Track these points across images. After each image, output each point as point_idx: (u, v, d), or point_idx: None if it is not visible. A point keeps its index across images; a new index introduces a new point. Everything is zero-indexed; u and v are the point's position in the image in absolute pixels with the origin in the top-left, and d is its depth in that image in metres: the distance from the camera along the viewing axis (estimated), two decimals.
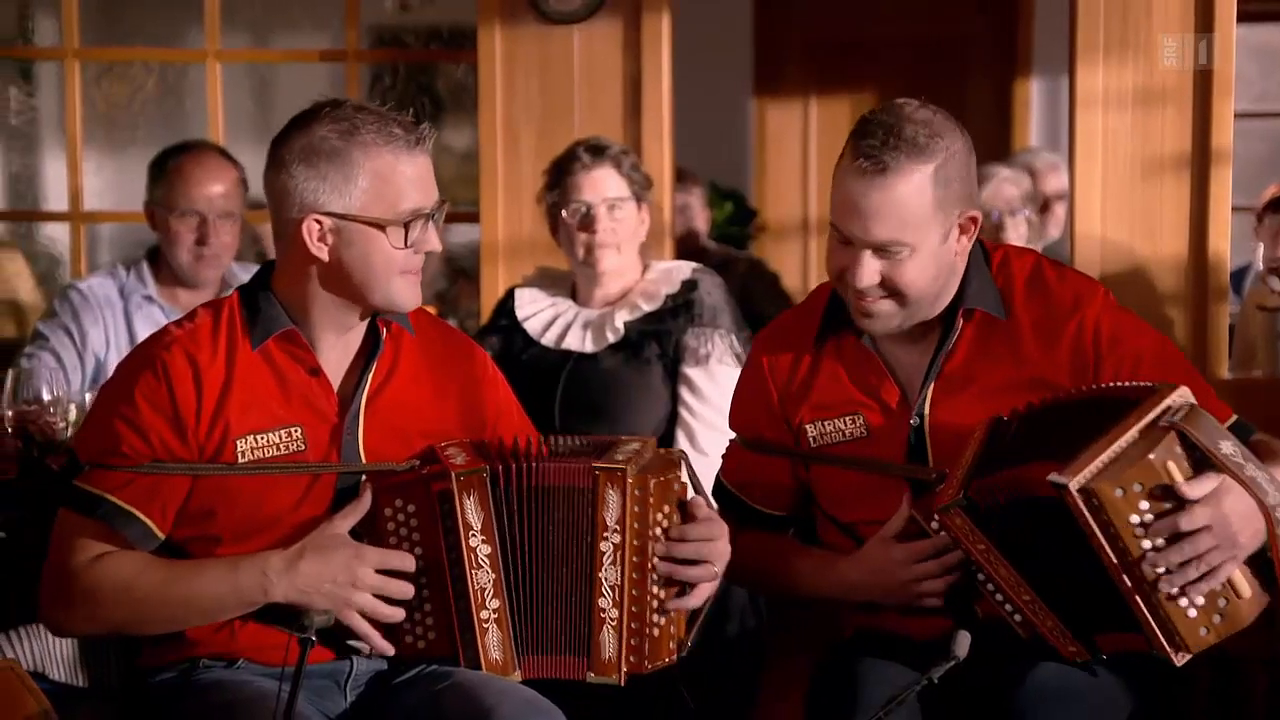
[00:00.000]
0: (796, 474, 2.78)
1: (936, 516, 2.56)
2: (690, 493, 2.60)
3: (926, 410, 2.67)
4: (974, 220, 2.66)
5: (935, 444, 2.66)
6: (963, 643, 2.28)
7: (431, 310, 2.82)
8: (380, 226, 2.51)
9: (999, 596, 2.57)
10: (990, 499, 2.51)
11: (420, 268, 2.57)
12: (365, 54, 5.36)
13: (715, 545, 2.57)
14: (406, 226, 2.51)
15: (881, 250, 2.59)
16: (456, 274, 5.70)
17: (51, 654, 2.79)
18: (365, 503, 2.53)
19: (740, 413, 2.84)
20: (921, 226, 2.58)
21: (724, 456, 2.89)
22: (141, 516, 2.50)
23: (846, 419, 2.71)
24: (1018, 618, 2.57)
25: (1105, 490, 2.39)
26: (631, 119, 4.61)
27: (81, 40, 5.07)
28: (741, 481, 2.83)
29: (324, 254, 2.53)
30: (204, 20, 5.06)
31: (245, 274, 4.27)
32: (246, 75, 5.91)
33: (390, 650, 2.53)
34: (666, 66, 4.59)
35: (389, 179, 2.51)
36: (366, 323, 2.61)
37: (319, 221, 2.52)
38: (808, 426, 2.73)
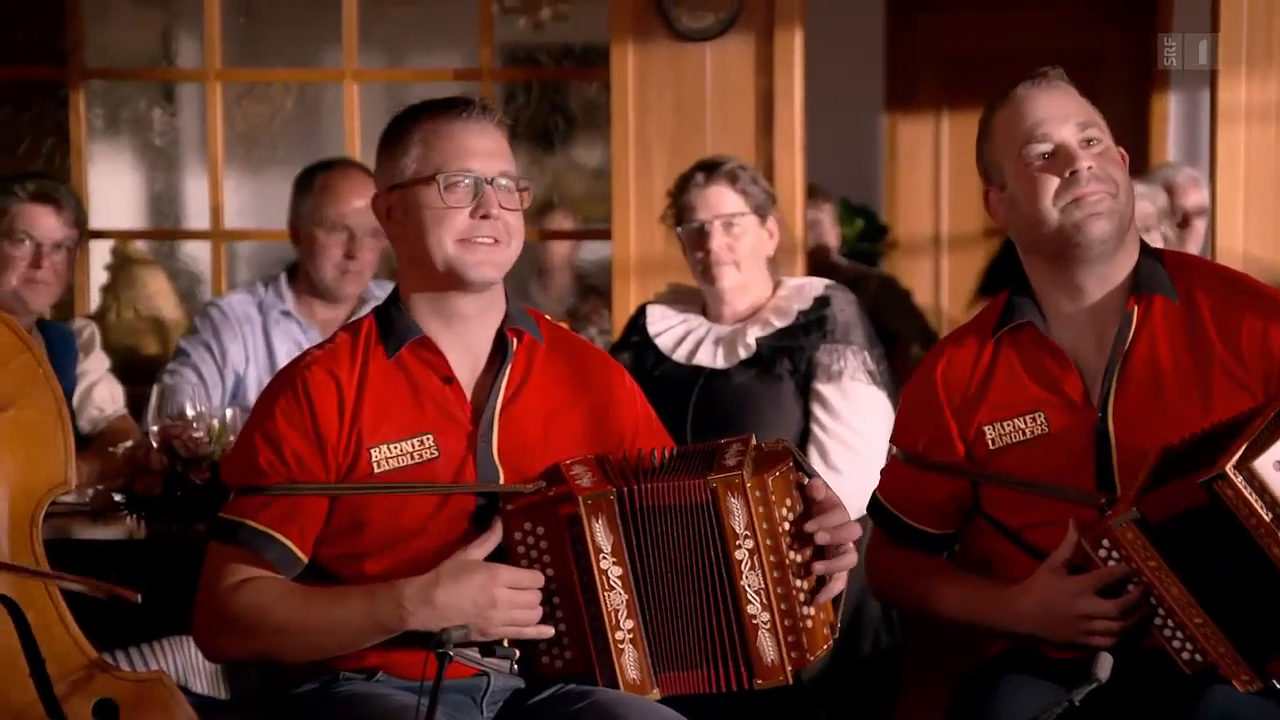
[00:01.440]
0: (958, 488, 2.73)
1: (1107, 537, 2.51)
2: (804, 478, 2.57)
3: (1111, 405, 2.62)
4: (1124, 157, 2.71)
5: (1121, 442, 2.60)
6: (1104, 665, 2.24)
7: (564, 326, 2.84)
8: (425, 181, 2.54)
9: (1169, 625, 2.50)
10: (1161, 513, 2.46)
11: (492, 239, 2.55)
12: (499, 72, 5.41)
13: (845, 528, 2.54)
14: (449, 186, 2.53)
15: (1085, 139, 2.64)
16: (588, 291, 5.73)
17: (195, 666, 2.85)
18: (497, 533, 2.54)
19: (904, 427, 2.79)
20: (1097, 116, 2.68)
21: (882, 473, 2.85)
22: (281, 538, 2.52)
23: (1027, 418, 2.65)
24: (1185, 650, 2.49)
25: (1256, 466, 2.34)
26: (763, 135, 4.61)
27: (223, 62, 5.17)
28: (899, 497, 2.78)
29: (395, 232, 2.59)
30: (342, 41, 5.14)
31: (381, 291, 4.32)
32: (382, 94, 5.98)
33: (550, 631, 2.53)
34: (799, 82, 4.59)
35: (434, 142, 2.55)
36: (494, 332, 2.63)
37: (383, 197, 2.59)
38: (986, 429, 2.66)
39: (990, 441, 2.67)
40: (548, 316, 2.77)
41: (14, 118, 5.56)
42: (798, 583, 2.52)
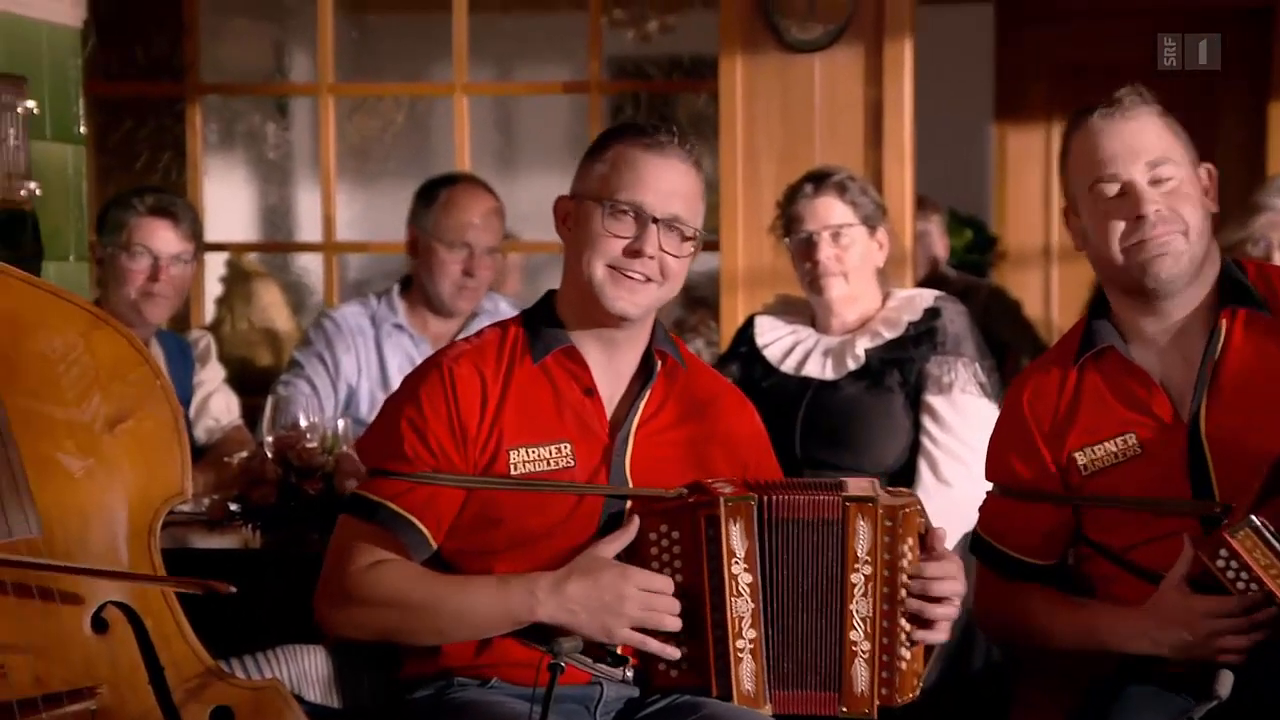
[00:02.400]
0: (1061, 516, 2.72)
1: (1224, 546, 2.47)
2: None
3: (1203, 418, 2.60)
4: (1210, 175, 2.67)
5: (1216, 455, 2.58)
6: (1225, 683, 2.21)
7: (684, 344, 2.85)
8: (596, 200, 2.57)
9: None
10: (1277, 521, 2.43)
11: (643, 276, 2.58)
12: (607, 85, 5.43)
13: (956, 582, 2.55)
14: (614, 213, 2.56)
15: (1154, 178, 2.61)
16: (695, 302, 5.72)
17: (308, 675, 2.87)
18: (632, 530, 2.56)
19: (997, 459, 2.78)
20: (1173, 147, 2.63)
21: (980, 510, 2.84)
22: (418, 524, 2.55)
23: (1117, 440, 2.64)
24: None
25: None
26: (872, 146, 4.59)
27: (335, 76, 5.23)
28: (1001, 531, 2.77)
29: (565, 238, 2.63)
30: (451, 55, 5.18)
31: (491, 304, 4.36)
32: (490, 107, 6.03)
33: (675, 654, 2.54)
34: (908, 93, 4.56)
35: (620, 166, 2.58)
36: (641, 351, 2.66)
37: (565, 202, 2.64)
38: (1076, 455, 2.66)
39: (1082, 467, 2.67)
40: (684, 343, 2.79)
41: (133, 133, 5.65)
42: (903, 622, 2.54)
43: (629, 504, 2.60)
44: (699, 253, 2.67)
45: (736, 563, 2.52)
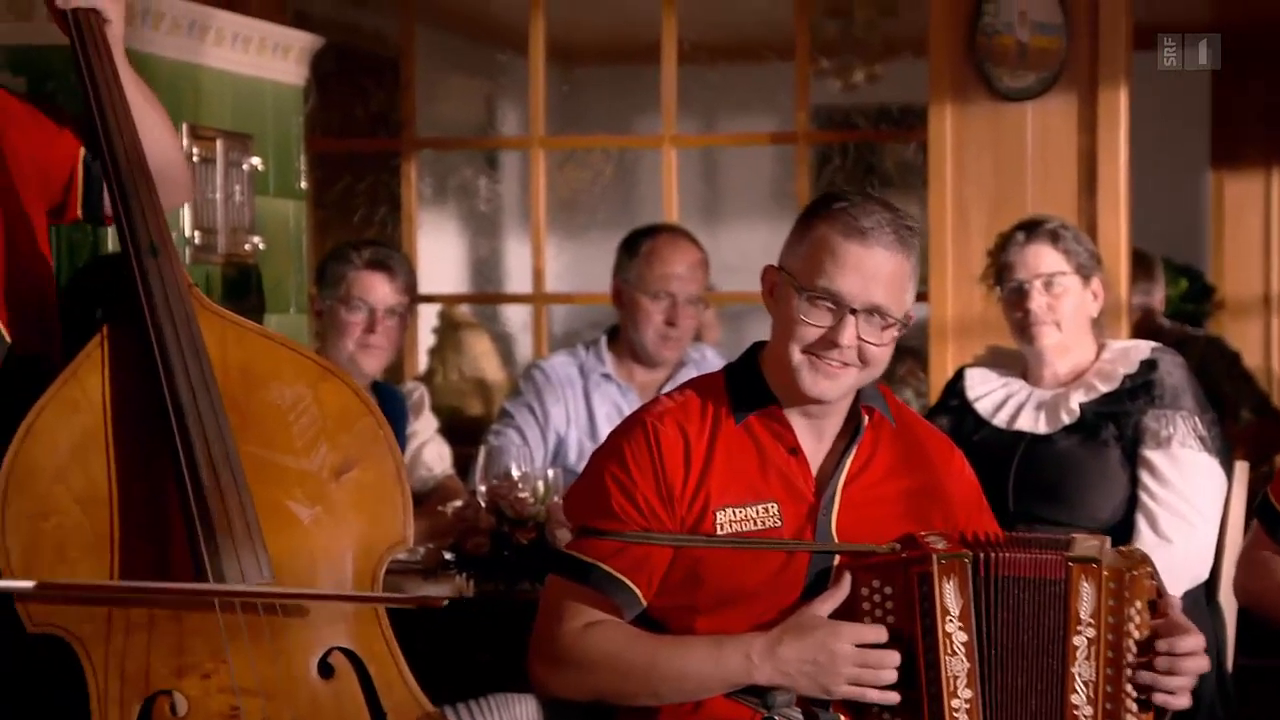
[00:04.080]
0: None
1: None
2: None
3: None
4: None
5: None
6: None
7: (894, 395, 2.83)
8: (795, 284, 2.55)
9: None
10: None
11: (840, 363, 2.54)
12: (815, 135, 5.43)
13: (1193, 659, 2.48)
14: (811, 300, 2.53)
15: None
16: (904, 352, 5.69)
17: None
18: (844, 587, 2.54)
19: None
20: None
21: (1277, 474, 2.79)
22: (630, 584, 2.55)
23: None
24: None
25: None
26: (1086, 196, 4.53)
27: (545, 129, 5.31)
28: None
29: (769, 306, 2.61)
30: (658, 106, 5.23)
31: (697, 354, 4.37)
32: (697, 157, 6.07)
33: (895, 698, 2.51)
34: (1124, 141, 4.49)
35: (821, 252, 2.53)
36: (846, 408, 2.64)
37: (773, 271, 2.61)
38: None
39: None
40: (894, 394, 2.76)
41: (351, 187, 5.80)
42: (1129, 688, 2.48)
43: (837, 561, 2.58)
44: (906, 329, 2.62)
45: (950, 620, 2.48)
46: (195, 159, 3.94)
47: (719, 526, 2.56)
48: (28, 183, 2.60)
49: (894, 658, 2.50)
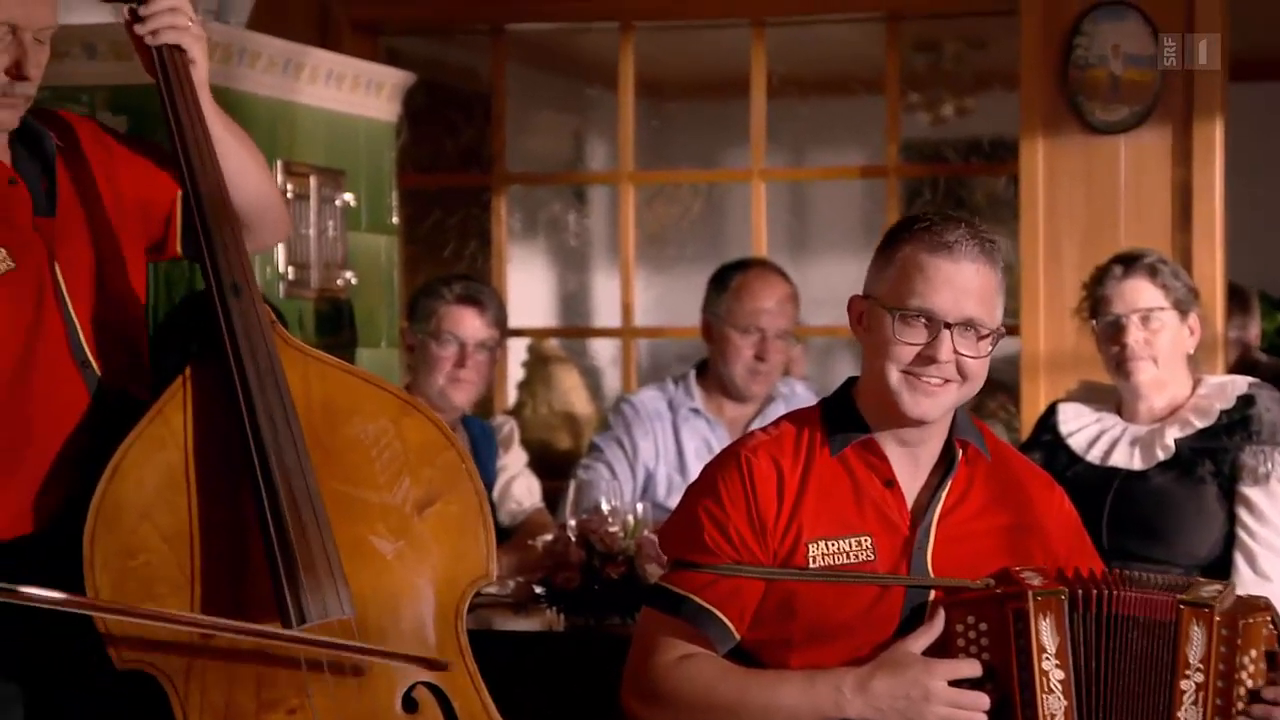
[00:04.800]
0: None
1: None
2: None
3: None
4: None
5: None
6: None
7: (990, 430, 2.80)
8: (886, 306, 2.53)
9: None
10: None
11: (940, 380, 2.53)
12: (905, 169, 5.41)
13: None
14: (904, 319, 2.52)
15: None
16: (994, 387, 5.64)
17: None
18: (938, 624, 2.52)
19: None
20: None
21: None
22: (723, 617, 2.55)
23: None
24: None
25: None
26: (1180, 229, 4.48)
27: (634, 164, 5.32)
28: None
29: (860, 336, 2.60)
30: (747, 139, 5.23)
31: (787, 389, 4.36)
32: (785, 191, 6.06)
33: None
34: (1219, 174, 4.45)
35: (910, 270, 2.53)
36: (942, 441, 2.62)
37: (860, 301, 2.60)
38: None
39: None
40: (990, 429, 2.74)
41: (441, 222, 5.83)
42: None
43: (931, 597, 2.56)
44: (999, 340, 2.62)
45: (1047, 658, 2.45)
46: (289, 195, 3.99)
47: (812, 559, 2.55)
48: (127, 220, 2.64)
49: (987, 696, 2.48)
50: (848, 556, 2.55)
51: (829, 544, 2.55)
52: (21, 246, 2.50)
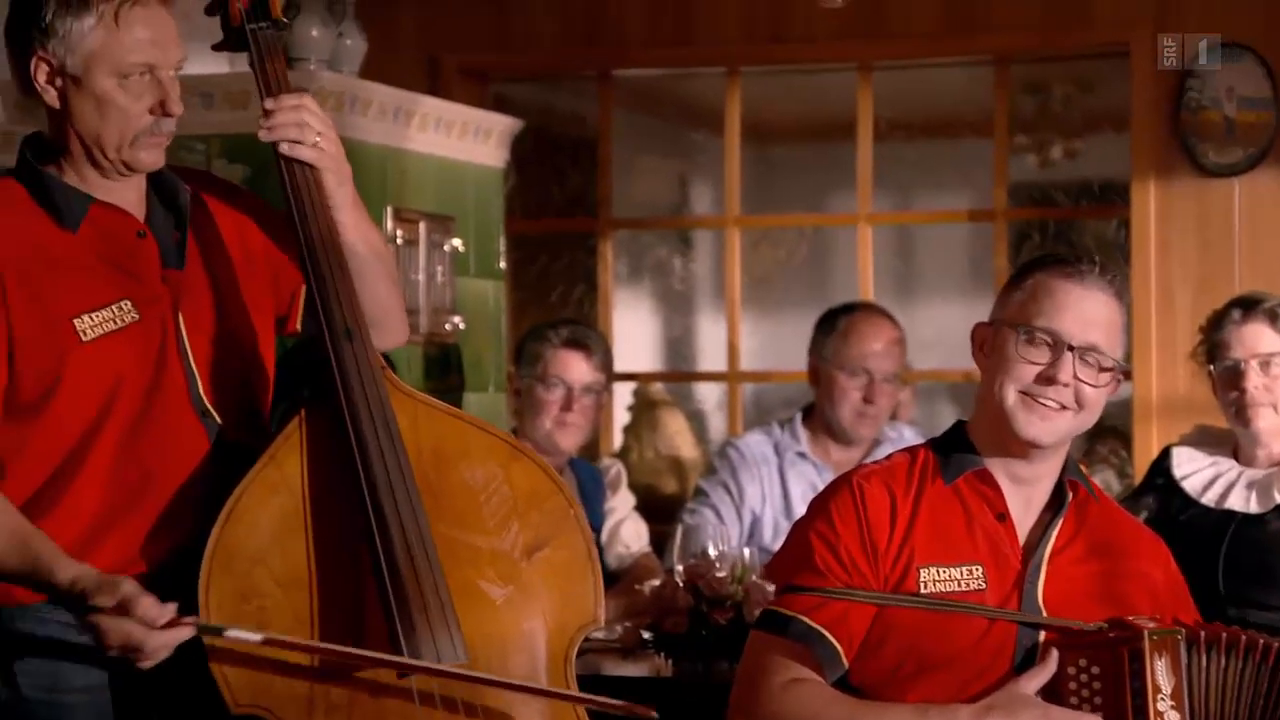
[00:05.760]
0: None
1: None
2: None
3: None
4: None
5: None
6: None
7: (1095, 482, 2.78)
8: (1011, 326, 2.54)
9: None
10: None
11: (1057, 404, 2.53)
12: (1014, 212, 5.37)
13: None
14: (1029, 338, 2.53)
15: None
16: (1105, 431, 5.57)
17: None
18: (1051, 665, 2.50)
19: None
20: None
21: None
22: (831, 639, 2.53)
23: None
24: None
25: None
26: None
27: (740, 208, 5.33)
28: None
29: (980, 363, 2.61)
30: (855, 184, 5.22)
31: (895, 432, 4.33)
32: (891, 234, 6.03)
33: None
34: None
35: (1039, 293, 2.54)
36: (1053, 482, 2.61)
37: (984, 328, 2.61)
38: None
39: None
40: (1095, 482, 2.73)
41: (548, 267, 5.86)
42: None
43: (1042, 636, 2.54)
44: (1119, 385, 2.60)
45: (1162, 699, 2.43)
46: (399, 241, 4.03)
47: (923, 585, 2.53)
48: (255, 281, 2.66)
49: None
50: (959, 584, 2.54)
51: (940, 570, 2.54)
52: (147, 299, 2.54)
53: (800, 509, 4.01)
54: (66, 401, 2.47)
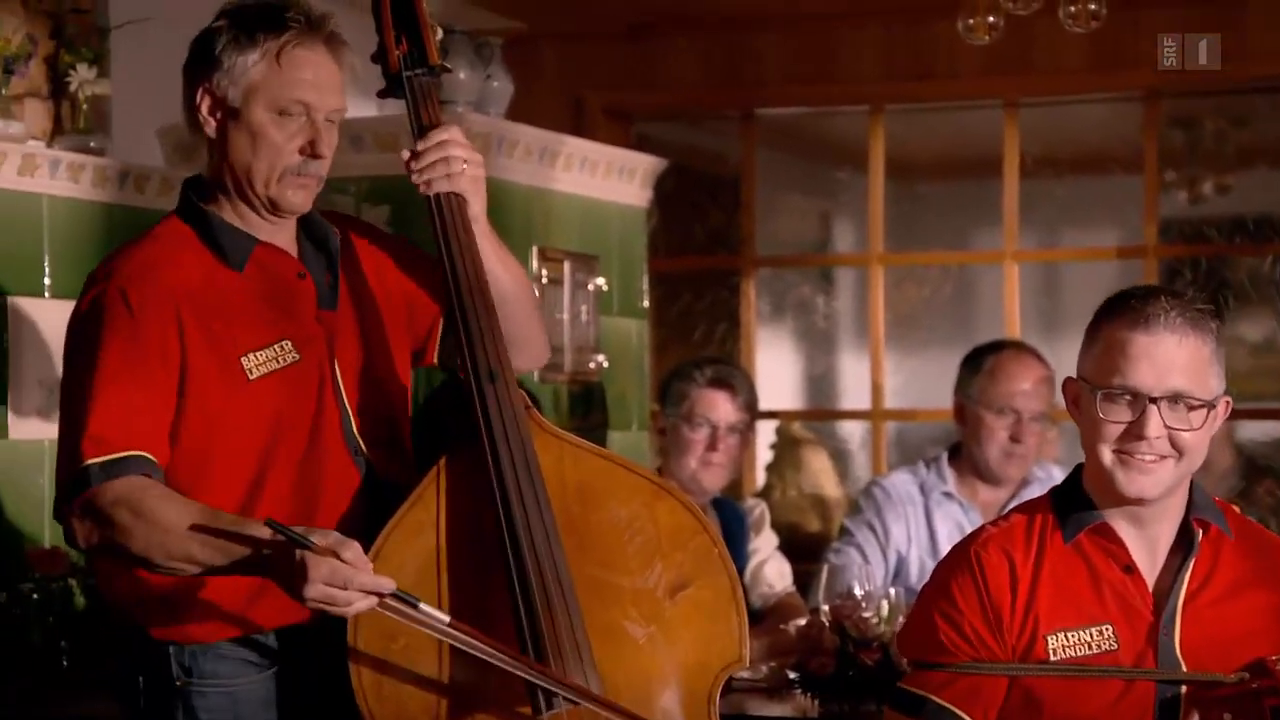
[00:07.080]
0: None
1: None
2: None
3: None
4: None
5: None
6: None
7: (1234, 509, 2.71)
8: (1093, 389, 2.46)
9: None
10: None
11: (1154, 457, 2.45)
12: (1164, 249, 5.29)
13: None
14: (1109, 397, 2.44)
15: None
16: (1259, 471, 5.44)
17: None
18: None
19: None
20: None
21: None
22: (963, 716, 2.50)
23: None
24: None
25: None
26: None
27: (884, 246, 5.30)
28: None
29: (1075, 417, 2.53)
30: (1000, 222, 5.17)
31: (1043, 473, 4.26)
32: (1037, 272, 5.96)
33: None
34: None
35: (1110, 349, 2.46)
36: (1177, 521, 2.54)
37: (1073, 384, 2.54)
38: None
39: None
40: (1235, 509, 2.64)
41: (691, 305, 5.87)
42: None
43: (1184, 690, 2.47)
44: (1226, 411, 2.52)
45: None
46: (544, 280, 4.05)
47: (1051, 652, 2.48)
48: (395, 317, 2.71)
49: None
50: (1089, 647, 2.49)
51: (1069, 635, 2.49)
52: (305, 339, 2.59)
53: (947, 549, 3.97)
54: (235, 439, 2.52)
